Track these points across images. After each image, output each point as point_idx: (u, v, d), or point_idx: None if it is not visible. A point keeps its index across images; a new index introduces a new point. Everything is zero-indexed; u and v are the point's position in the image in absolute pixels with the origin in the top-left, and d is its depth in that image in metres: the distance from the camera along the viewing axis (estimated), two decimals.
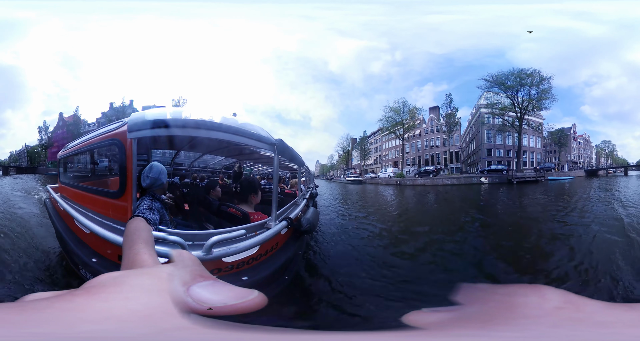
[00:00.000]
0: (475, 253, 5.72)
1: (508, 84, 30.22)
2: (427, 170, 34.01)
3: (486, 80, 30.99)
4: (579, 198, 14.20)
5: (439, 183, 30.07)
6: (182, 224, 3.94)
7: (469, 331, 0.32)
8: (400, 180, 33.11)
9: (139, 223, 0.52)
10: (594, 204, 11.53)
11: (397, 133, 38.57)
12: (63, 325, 0.26)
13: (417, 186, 29.15)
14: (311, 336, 0.30)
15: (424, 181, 31.15)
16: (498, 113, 31.98)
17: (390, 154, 42.42)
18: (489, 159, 33.34)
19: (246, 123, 3.30)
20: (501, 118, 32.20)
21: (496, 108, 31.93)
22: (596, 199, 13.12)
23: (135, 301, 0.29)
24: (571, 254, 5.21)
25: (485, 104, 33.33)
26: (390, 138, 41.28)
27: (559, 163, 35.38)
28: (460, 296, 0.39)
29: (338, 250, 6.04)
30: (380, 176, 38.16)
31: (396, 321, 0.36)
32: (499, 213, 11.69)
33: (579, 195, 15.34)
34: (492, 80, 30.88)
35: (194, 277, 0.35)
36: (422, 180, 31.48)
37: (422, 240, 6.90)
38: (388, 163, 41.99)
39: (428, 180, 31.05)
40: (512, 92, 30.40)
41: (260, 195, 3.76)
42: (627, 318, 0.31)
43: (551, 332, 0.29)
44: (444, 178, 31.81)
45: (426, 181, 30.98)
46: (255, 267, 2.83)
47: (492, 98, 32.38)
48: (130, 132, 2.75)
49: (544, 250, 5.63)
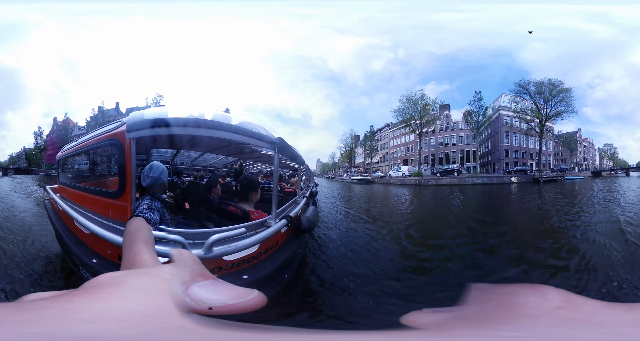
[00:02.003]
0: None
1: (546, 94, 30.60)
2: (451, 169, 31.56)
3: (520, 85, 31.39)
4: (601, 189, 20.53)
5: (468, 182, 28.13)
6: (182, 223, 3.94)
7: (471, 331, 0.31)
8: (419, 180, 29.13)
9: (139, 223, 0.52)
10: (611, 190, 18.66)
11: (412, 127, 35.94)
12: (62, 325, 0.26)
13: (441, 186, 26.61)
14: (311, 336, 0.30)
15: (449, 180, 28.51)
16: (529, 119, 32.52)
17: (398, 151, 40.03)
18: (506, 160, 33.61)
19: (246, 121, 3.31)
20: (526, 123, 32.84)
21: (526, 114, 32.41)
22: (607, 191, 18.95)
23: (134, 301, 0.29)
24: None
25: (504, 107, 33.48)
26: (401, 133, 39.08)
27: (571, 165, 36.38)
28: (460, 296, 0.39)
29: None
30: (392, 175, 34.58)
31: (396, 322, 0.36)
32: None
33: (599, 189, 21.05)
34: (523, 87, 31.25)
35: (194, 277, 0.35)
36: (447, 180, 28.70)
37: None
38: (397, 161, 39.46)
39: (455, 180, 28.68)
40: (542, 100, 30.99)
41: (260, 194, 3.76)
42: (626, 318, 0.31)
43: (553, 332, 0.29)
44: (473, 177, 30.10)
45: (452, 180, 28.47)
46: (256, 266, 2.84)
47: (521, 104, 32.83)
48: (129, 131, 2.75)
49: None
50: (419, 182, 28.89)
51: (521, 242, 6.51)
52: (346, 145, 46.67)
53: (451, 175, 30.31)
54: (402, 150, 39.81)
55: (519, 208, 13.73)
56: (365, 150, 44.29)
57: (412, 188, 26.36)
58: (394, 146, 40.77)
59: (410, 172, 33.70)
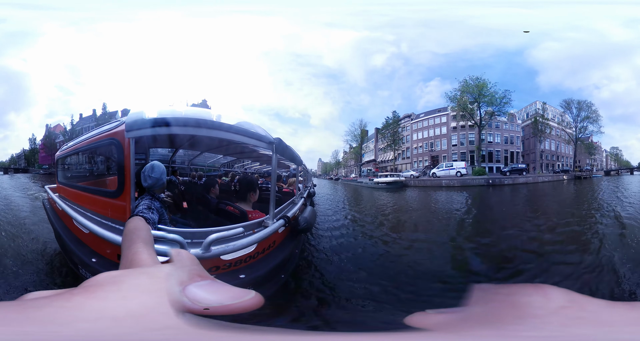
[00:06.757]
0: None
1: (583, 114, 32.04)
2: (519, 168, 29.44)
3: (565, 101, 32.71)
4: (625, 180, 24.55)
5: (539, 180, 27.26)
6: (181, 222, 3.94)
7: (477, 332, 0.32)
8: (491, 179, 24.27)
9: (138, 223, 0.53)
10: None
11: (468, 117, 30.89)
12: (61, 323, 0.26)
13: (518, 185, 24.37)
14: (311, 337, 0.30)
15: (525, 179, 26.53)
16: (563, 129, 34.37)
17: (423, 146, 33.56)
18: (540, 162, 34.62)
19: (245, 122, 3.30)
20: (564, 131, 34.56)
21: (563, 124, 34.34)
22: None
23: (132, 300, 0.29)
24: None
25: (539, 114, 33.96)
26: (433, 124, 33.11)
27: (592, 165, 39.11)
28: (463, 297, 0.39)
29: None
30: (436, 174, 27.28)
31: (400, 323, 0.36)
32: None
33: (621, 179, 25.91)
34: (567, 103, 32.56)
35: (191, 277, 0.35)
36: (523, 179, 26.45)
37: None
38: (418, 159, 33.26)
39: (530, 178, 27.18)
40: (580, 116, 32.57)
41: (258, 194, 3.76)
42: (629, 316, 0.31)
43: (560, 331, 0.30)
44: (538, 176, 29.92)
45: (528, 179, 26.73)
46: (253, 265, 2.84)
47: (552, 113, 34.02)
48: (128, 131, 2.75)
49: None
50: (491, 181, 23.85)
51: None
52: (354, 138, 38.35)
53: (517, 174, 27.58)
54: (428, 145, 33.59)
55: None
56: (384, 144, 35.91)
57: (497, 189, 21.10)
58: (418, 140, 33.95)
59: (467, 170, 26.69)
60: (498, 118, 32.58)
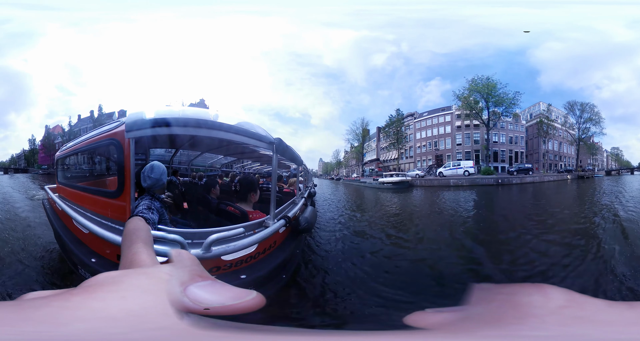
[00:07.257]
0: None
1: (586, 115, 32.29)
2: (526, 168, 29.25)
3: (569, 103, 32.89)
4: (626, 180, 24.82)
5: (545, 180, 27.46)
6: (181, 222, 3.94)
7: (477, 332, 0.31)
8: (501, 179, 24.02)
9: (138, 223, 0.52)
10: None
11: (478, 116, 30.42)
12: (60, 324, 0.26)
13: (525, 184, 24.72)
14: (311, 337, 0.30)
15: (532, 179, 26.76)
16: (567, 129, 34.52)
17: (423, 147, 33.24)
18: (543, 161, 34.85)
19: (245, 122, 3.31)
20: (567, 132, 34.65)
21: (566, 125, 34.48)
22: None
23: (131, 300, 0.29)
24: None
25: (543, 115, 33.93)
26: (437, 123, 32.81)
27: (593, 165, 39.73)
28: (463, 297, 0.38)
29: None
30: (443, 173, 26.58)
31: (399, 322, 0.35)
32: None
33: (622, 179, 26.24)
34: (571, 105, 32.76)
35: (192, 277, 0.34)
36: (530, 178, 26.61)
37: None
38: (424, 158, 32.83)
39: (536, 178, 27.23)
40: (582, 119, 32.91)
41: (258, 194, 3.76)
42: (628, 316, 0.31)
43: (560, 331, 0.30)
44: (544, 175, 29.80)
45: (534, 179, 26.93)
46: (254, 265, 2.84)
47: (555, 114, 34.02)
48: (128, 131, 2.75)
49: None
50: (500, 181, 23.60)
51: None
52: (356, 137, 37.24)
53: (524, 174, 27.34)
54: (432, 144, 33.11)
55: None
56: (387, 142, 35.36)
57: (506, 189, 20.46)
58: (421, 139, 33.63)
59: (475, 169, 26.33)
60: (504, 118, 32.36)
